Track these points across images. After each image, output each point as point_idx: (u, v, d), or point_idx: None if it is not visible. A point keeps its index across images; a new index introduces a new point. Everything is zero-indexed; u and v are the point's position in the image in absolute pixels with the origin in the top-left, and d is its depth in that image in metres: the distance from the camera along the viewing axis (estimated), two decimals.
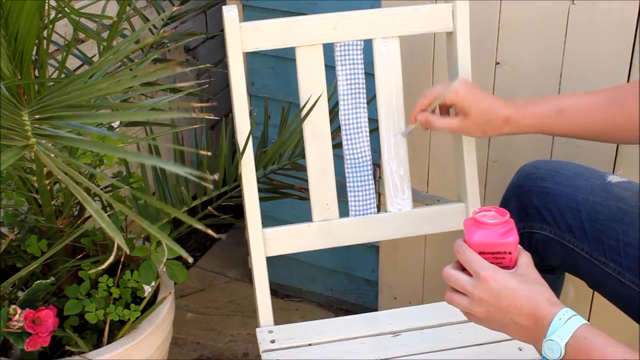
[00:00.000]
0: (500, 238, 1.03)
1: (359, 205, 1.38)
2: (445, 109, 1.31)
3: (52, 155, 0.93)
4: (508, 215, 1.04)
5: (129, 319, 1.37)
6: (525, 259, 1.04)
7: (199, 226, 0.84)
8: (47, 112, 1.00)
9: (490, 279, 1.01)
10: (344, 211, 1.38)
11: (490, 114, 1.26)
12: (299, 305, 2.12)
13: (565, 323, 0.98)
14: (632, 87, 1.21)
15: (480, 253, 1.03)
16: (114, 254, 0.88)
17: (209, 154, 1.06)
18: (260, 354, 1.28)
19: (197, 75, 2.16)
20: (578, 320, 0.98)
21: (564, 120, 1.24)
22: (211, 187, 1.37)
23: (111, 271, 1.42)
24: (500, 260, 1.03)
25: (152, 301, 1.44)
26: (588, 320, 1.52)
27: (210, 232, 0.83)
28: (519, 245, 1.05)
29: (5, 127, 0.94)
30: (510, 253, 1.04)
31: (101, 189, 1.45)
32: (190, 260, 0.85)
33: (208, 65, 1.71)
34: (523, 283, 1.01)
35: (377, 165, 1.57)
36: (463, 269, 1.05)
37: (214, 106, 1.18)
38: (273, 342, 1.29)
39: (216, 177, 1.30)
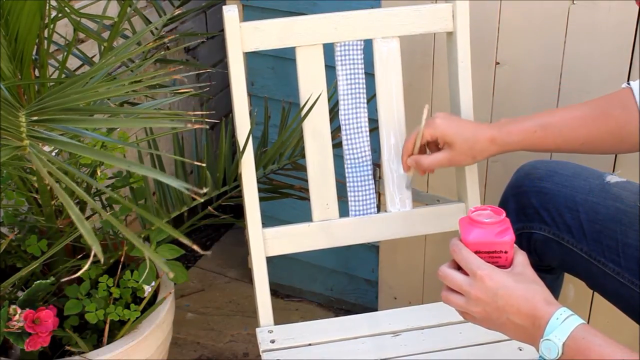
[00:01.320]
0: (496, 237, 1.03)
1: (359, 205, 1.38)
2: (435, 145, 1.32)
3: (45, 158, 0.92)
4: (504, 214, 1.04)
5: (129, 319, 1.37)
6: (521, 258, 1.04)
7: (186, 241, 0.84)
8: (45, 114, 1.00)
9: (487, 278, 1.01)
10: (344, 211, 1.38)
11: (473, 138, 1.27)
12: (299, 305, 2.12)
13: (563, 323, 0.98)
14: (616, 97, 1.22)
15: (476, 252, 1.03)
16: (89, 263, 0.88)
17: (204, 164, 1.06)
18: (260, 353, 1.28)
19: (198, 75, 2.17)
20: (575, 320, 0.98)
21: (549, 134, 1.25)
22: (201, 200, 1.37)
23: (111, 271, 1.42)
24: (496, 259, 1.03)
25: (152, 301, 1.44)
26: (588, 321, 1.53)
27: (197, 248, 0.84)
28: (515, 245, 1.05)
29: (1, 127, 0.93)
30: (506, 252, 1.04)
31: (101, 189, 1.45)
32: (172, 275, 0.85)
33: (209, 69, 1.71)
34: (520, 282, 1.01)
35: (377, 165, 1.57)
36: (459, 268, 1.04)
37: (215, 106, 1.19)
38: (273, 342, 1.29)
39: (205, 191, 1.30)
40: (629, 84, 1.21)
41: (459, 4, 1.33)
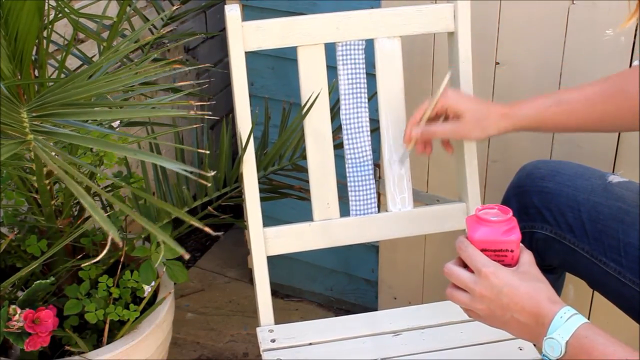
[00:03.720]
0: (503, 236, 1.03)
1: (360, 205, 1.38)
2: (438, 119, 1.31)
3: (49, 151, 0.93)
4: (511, 213, 1.05)
5: (128, 319, 1.36)
6: (527, 257, 1.04)
7: (199, 224, 0.84)
8: (46, 109, 1.00)
9: (492, 275, 1.01)
10: (344, 211, 1.38)
11: (485, 112, 1.26)
12: (299, 305, 2.12)
13: (567, 322, 0.98)
14: (631, 75, 1.21)
15: (482, 250, 1.04)
16: (106, 249, 0.88)
17: (208, 152, 1.06)
18: (261, 353, 1.28)
19: (197, 75, 2.16)
20: (579, 319, 0.98)
21: (563, 109, 1.24)
22: (209, 184, 1.37)
23: (111, 271, 1.42)
24: (502, 257, 1.04)
25: (152, 301, 1.44)
26: (588, 320, 1.52)
27: (208, 230, 0.84)
28: (521, 244, 1.05)
29: (3, 123, 0.94)
30: (512, 251, 1.04)
31: (101, 189, 1.45)
32: (187, 256, 0.85)
33: (208, 65, 1.71)
34: (525, 281, 1.01)
35: (377, 165, 1.57)
36: (465, 265, 1.05)
37: (214, 106, 1.19)
38: (273, 342, 1.29)
39: (213, 173, 1.30)
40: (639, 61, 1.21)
41: (460, 4, 1.33)
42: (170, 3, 1.77)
